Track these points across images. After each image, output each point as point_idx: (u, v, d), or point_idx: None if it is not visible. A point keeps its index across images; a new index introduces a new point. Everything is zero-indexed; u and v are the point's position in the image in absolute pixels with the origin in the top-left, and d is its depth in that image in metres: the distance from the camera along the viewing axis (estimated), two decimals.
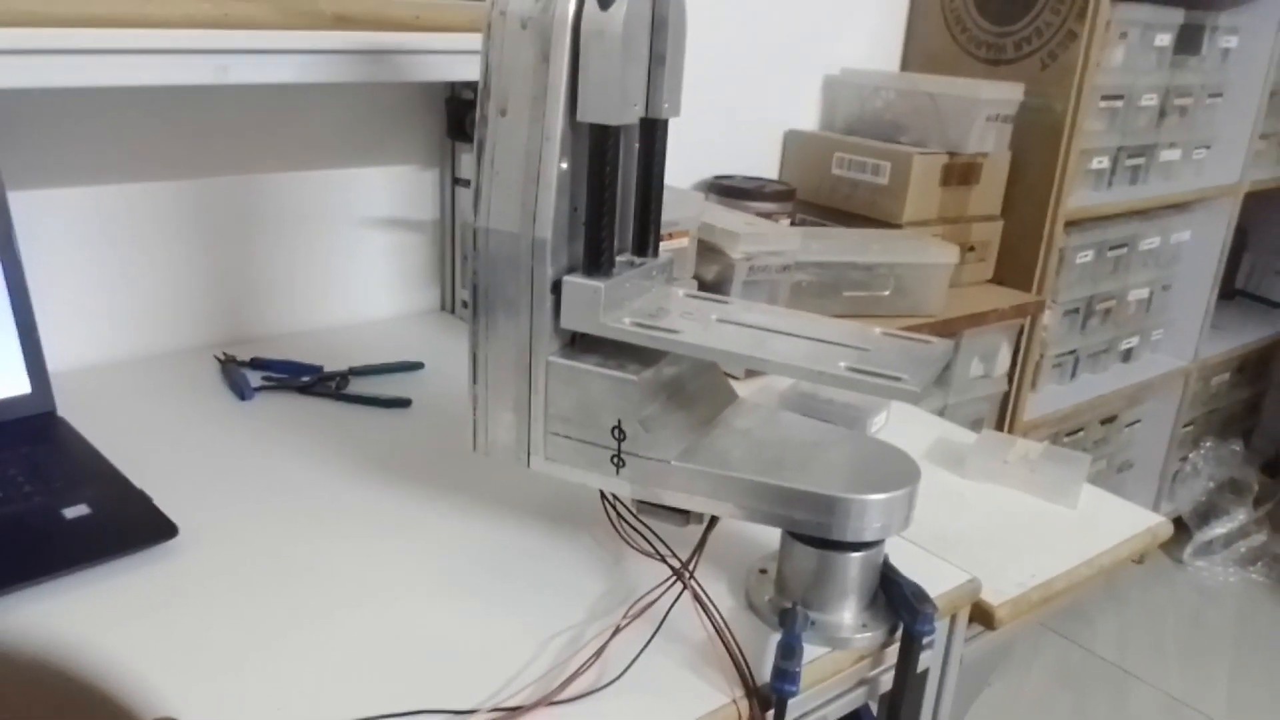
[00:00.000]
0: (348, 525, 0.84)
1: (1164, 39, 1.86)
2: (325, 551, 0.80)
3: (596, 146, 0.70)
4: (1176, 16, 1.86)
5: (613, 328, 0.71)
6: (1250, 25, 2.01)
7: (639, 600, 0.73)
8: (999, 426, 1.77)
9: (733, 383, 0.83)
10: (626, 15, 0.66)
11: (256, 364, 1.15)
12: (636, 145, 0.76)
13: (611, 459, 0.73)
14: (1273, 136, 2.24)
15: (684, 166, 1.63)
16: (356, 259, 1.32)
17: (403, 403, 1.08)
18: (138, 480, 0.85)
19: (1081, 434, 2.04)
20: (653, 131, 0.75)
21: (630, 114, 0.70)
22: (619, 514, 0.80)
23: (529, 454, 0.76)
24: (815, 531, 0.70)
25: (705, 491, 0.71)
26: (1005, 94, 1.62)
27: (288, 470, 0.93)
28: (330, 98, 1.23)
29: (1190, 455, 2.42)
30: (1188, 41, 1.92)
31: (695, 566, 0.73)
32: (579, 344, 0.74)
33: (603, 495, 0.78)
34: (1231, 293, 2.62)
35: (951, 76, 1.70)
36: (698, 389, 0.78)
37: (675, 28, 0.72)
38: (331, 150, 1.25)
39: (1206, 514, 2.42)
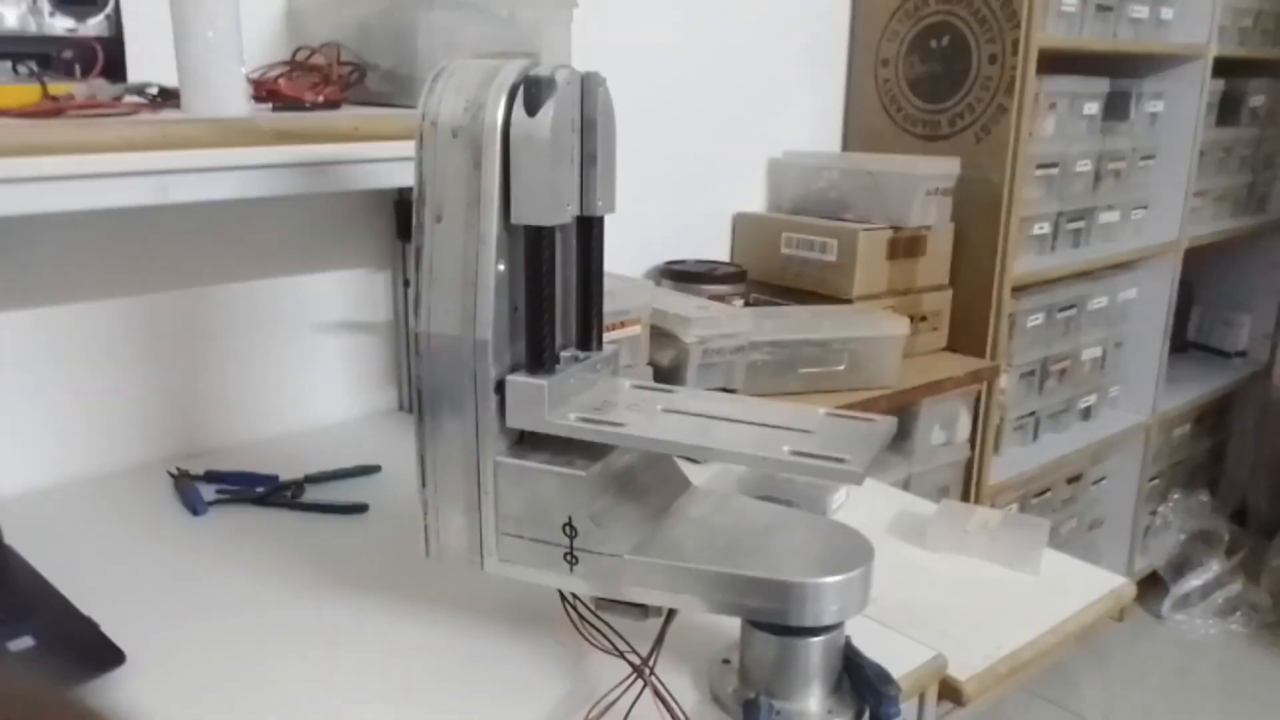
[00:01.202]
0: (302, 641, 0.83)
1: (1092, 107, 1.93)
2: (279, 670, 0.78)
3: (532, 247, 0.71)
4: (1102, 85, 1.93)
5: (558, 424, 0.71)
6: (1174, 90, 2.09)
7: (599, 701, 0.72)
8: (965, 492, 1.78)
9: (690, 467, 0.83)
10: (554, 120, 0.67)
11: (211, 477, 1.13)
12: (574, 242, 0.77)
13: (565, 556, 0.72)
14: (1207, 193, 2.31)
15: (636, 254, 1.66)
16: (311, 364, 1.32)
17: (359, 508, 1.06)
18: (86, 606, 0.83)
19: (1049, 494, 2.05)
20: (589, 229, 0.76)
21: (564, 214, 0.71)
22: (579, 613, 0.78)
23: (483, 556, 0.75)
24: (773, 618, 0.69)
25: (660, 584, 0.70)
26: (943, 168, 1.66)
27: (241, 587, 0.91)
28: (277, 208, 1.24)
29: (1159, 508, 2.43)
30: (1116, 108, 1.99)
31: (655, 662, 0.72)
32: (527, 442, 0.74)
33: (561, 593, 0.77)
34: (1184, 345, 2.67)
35: (890, 154, 1.75)
36: (650, 479, 0.78)
37: (605, 128, 0.73)
38: (281, 259, 1.26)
39: (1181, 566, 2.42)
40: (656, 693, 0.70)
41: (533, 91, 0.67)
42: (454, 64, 0.71)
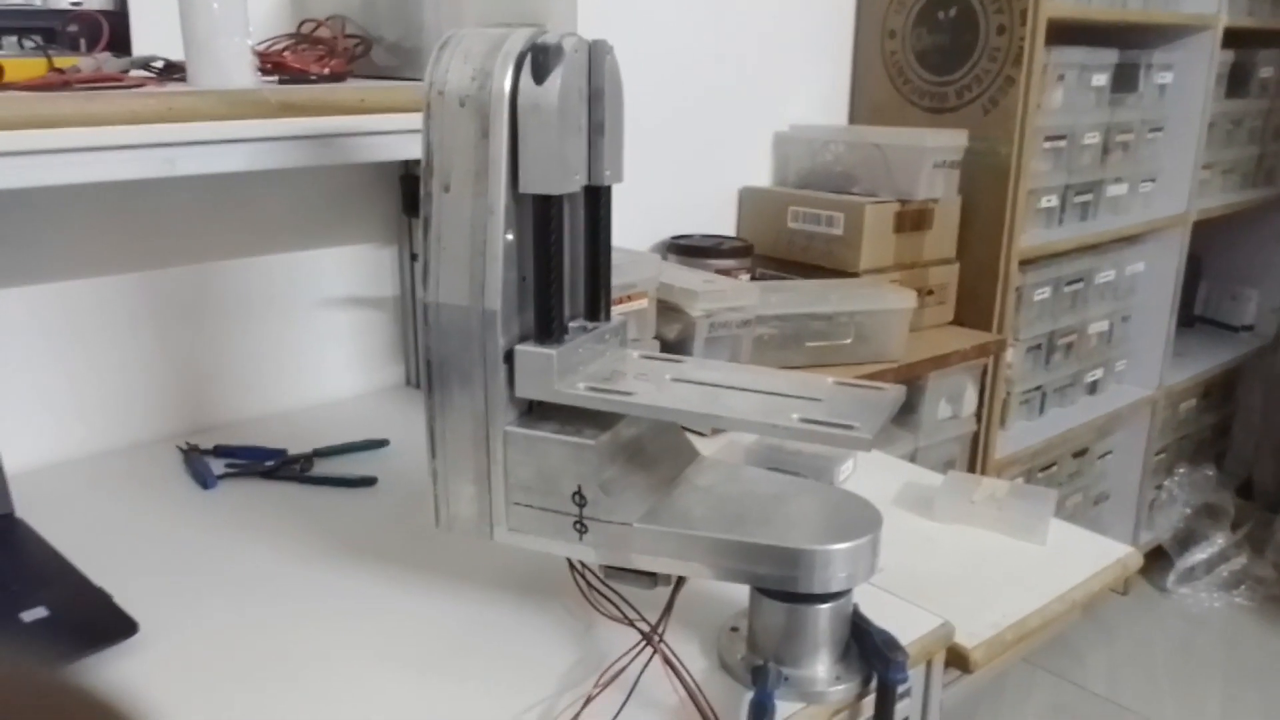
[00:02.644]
0: (312, 611, 0.83)
1: (1101, 79, 1.91)
2: (290, 639, 0.79)
3: (540, 216, 0.71)
4: (1111, 56, 1.92)
5: (567, 394, 0.71)
6: (1184, 60, 2.07)
7: (609, 668, 0.72)
8: (971, 466, 1.78)
9: (699, 439, 0.83)
10: (561, 88, 0.67)
11: (220, 451, 1.14)
12: (582, 212, 0.77)
13: (574, 525, 0.72)
14: (1215, 166, 2.30)
15: (642, 228, 1.65)
16: (319, 339, 1.32)
17: (368, 481, 1.07)
18: (98, 578, 0.84)
19: (1055, 468, 2.05)
20: (597, 198, 0.76)
21: (572, 183, 0.71)
22: (588, 581, 0.79)
23: (492, 526, 0.75)
24: (781, 585, 0.69)
25: (669, 552, 0.71)
26: (950, 141, 1.66)
27: (251, 558, 0.91)
28: (284, 182, 1.24)
29: (1165, 483, 2.43)
30: (1124, 80, 1.98)
31: (664, 629, 0.73)
32: (536, 412, 0.75)
33: (570, 563, 0.78)
34: (1191, 320, 2.67)
35: (898, 127, 1.74)
36: (659, 449, 0.78)
37: (612, 97, 0.73)
38: (288, 233, 1.26)
39: (1186, 540, 2.43)
40: (666, 660, 0.71)
41: (540, 59, 0.67)
42: (461, 33, 0.71)
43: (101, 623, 0.78)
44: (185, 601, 0.84)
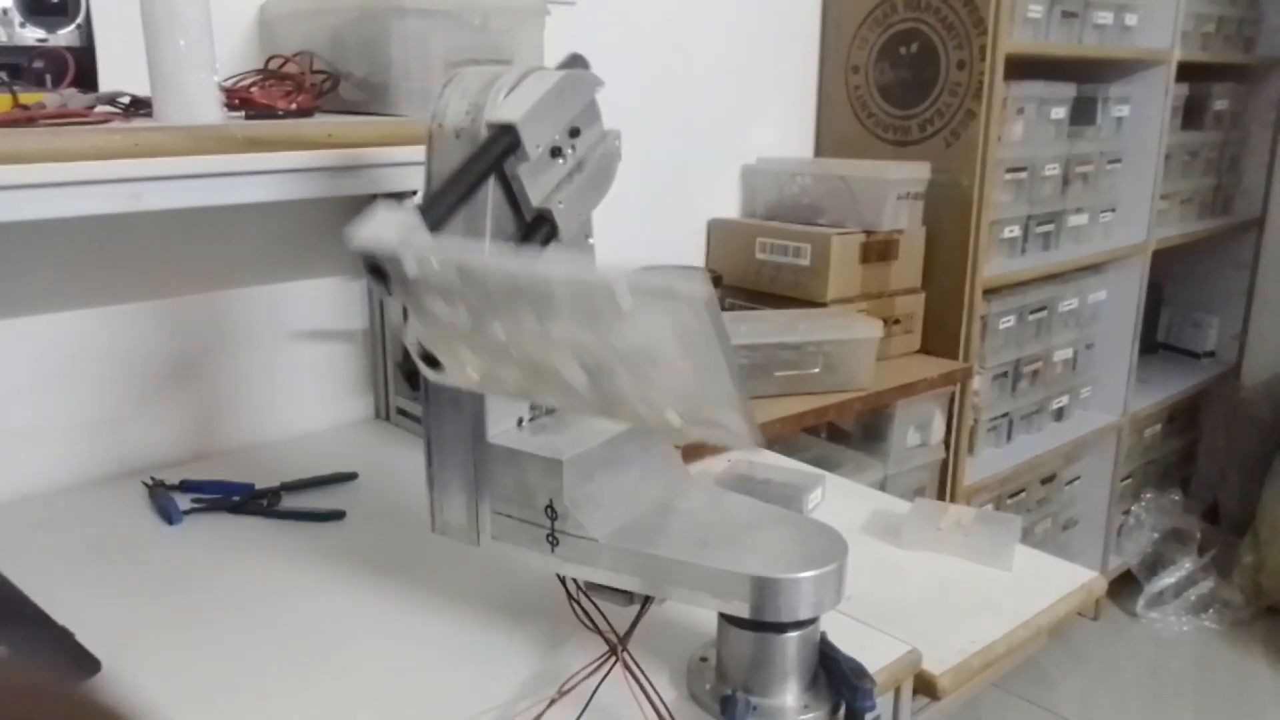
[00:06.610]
0: (278, 647, 0.82)
1: (1059, 112, 1.95)
2: (254, 675, 0.78)
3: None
4: (1069, 90, 1.96)
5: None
6: (1140, 94, 2.12)
7: (575, 674, 0.73)
8: (940, 493, 1.79)
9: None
10: None
11: (186, 486, 1.13)
12: None
13: (547, 537, 0.73)
14: (1173, 196, 2.34)
15: (611, 261, 1.66)
16: (287, 373, 1.31)
17: (337, 515, 1.06)
18: (61, 616, 0.82)
19: (1023, 495, 2.07)
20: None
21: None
22: (569, 593, 0.79)
23: (479, 533, 0.77)
24: (742, 612, 0.70)
25: (631, 570, 0.71)
26: (913, 173, 1.68)
27: (216, 593, 0.91)
28: (251, 216, 1.24)
29: (1132, 508, 2.46)
30: (1082, 113, 2.02)
31: (628, 640, 0.73)
32: (526, 427, 0.76)
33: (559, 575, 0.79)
34: (1154, 346, 2.71)
35: (862, 159, 1.77)
36: (647, 469, 0.79)
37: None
38: (256, 267, 1.26)
39: (1154, 565, 2.45)
40: (626, 666, 0.71)
41: None
42: (465, 71, 0.74)
43: (63, 662, 0.77)
44: (149, 639, 0.83)
